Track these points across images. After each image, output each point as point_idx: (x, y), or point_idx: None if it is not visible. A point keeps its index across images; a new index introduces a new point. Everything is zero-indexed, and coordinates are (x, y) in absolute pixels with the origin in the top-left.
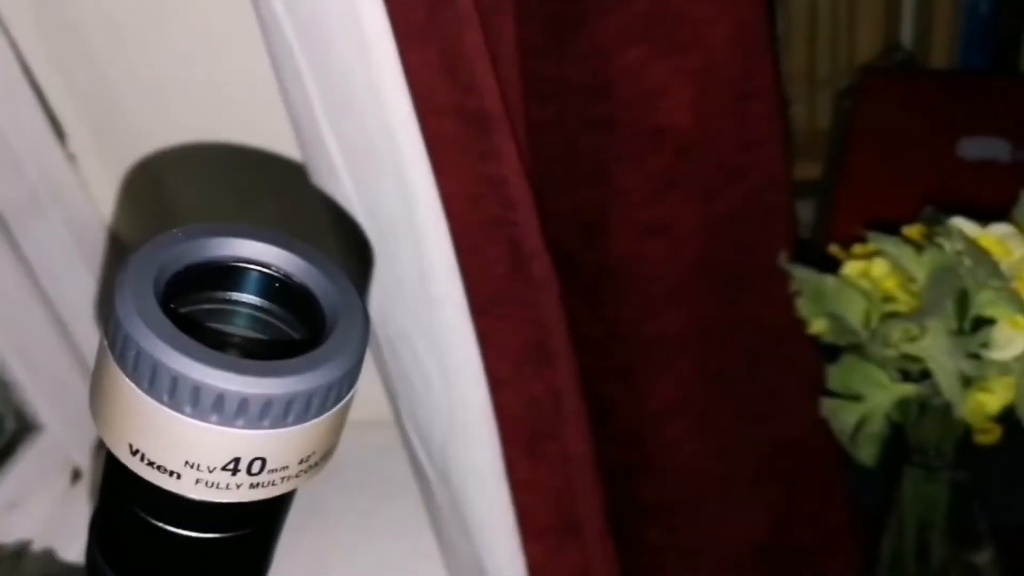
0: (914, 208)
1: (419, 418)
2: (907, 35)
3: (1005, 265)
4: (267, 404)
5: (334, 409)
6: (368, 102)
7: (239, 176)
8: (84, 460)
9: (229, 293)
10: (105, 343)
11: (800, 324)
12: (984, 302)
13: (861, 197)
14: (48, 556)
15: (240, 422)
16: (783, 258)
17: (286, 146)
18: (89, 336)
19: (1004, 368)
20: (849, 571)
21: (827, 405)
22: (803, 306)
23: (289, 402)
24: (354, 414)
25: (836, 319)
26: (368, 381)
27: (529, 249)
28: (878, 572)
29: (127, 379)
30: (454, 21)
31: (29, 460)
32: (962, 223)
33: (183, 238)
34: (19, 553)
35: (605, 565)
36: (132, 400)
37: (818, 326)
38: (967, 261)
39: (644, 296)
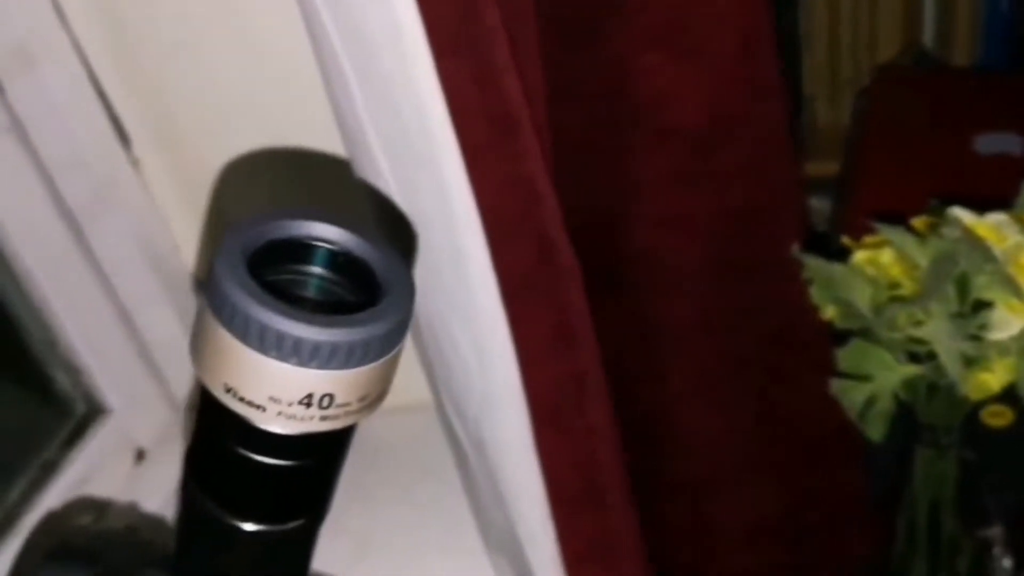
0: (928, 202)
1: (455, 393)
2: (928, 34)
3: (1000, 251)
4: (334, 349)
5: (387, 356)
6: (407, 106)
7: (289, 177)
8: (147, 441)
9: (302, 265)
10: (206, 303)
11: (812, 311)
12: (981, 286)
13: (876, 191)
14: (131, 508)
15: (314, 363)
16: (795, 248)
17: (334, 146)
18: (150, 326)
19: (1003, 348)
20: (865, 548)
21: (836, 385)
22: (815, 293)
23: (351, 348)
24: (396, 400)
25: (846, 305)
26: (409, 368)
27: (553, 240)
28: (893, 549)
29: (225, 330)
30: (483, 34)
31: (97, 441)
32: (960, 212)
33: (264, 220)
34: (103, 505)
35: (627, 533)
36: (228, 347)
37: (829, 312)
38: (965, 248)
39: (661, 284)
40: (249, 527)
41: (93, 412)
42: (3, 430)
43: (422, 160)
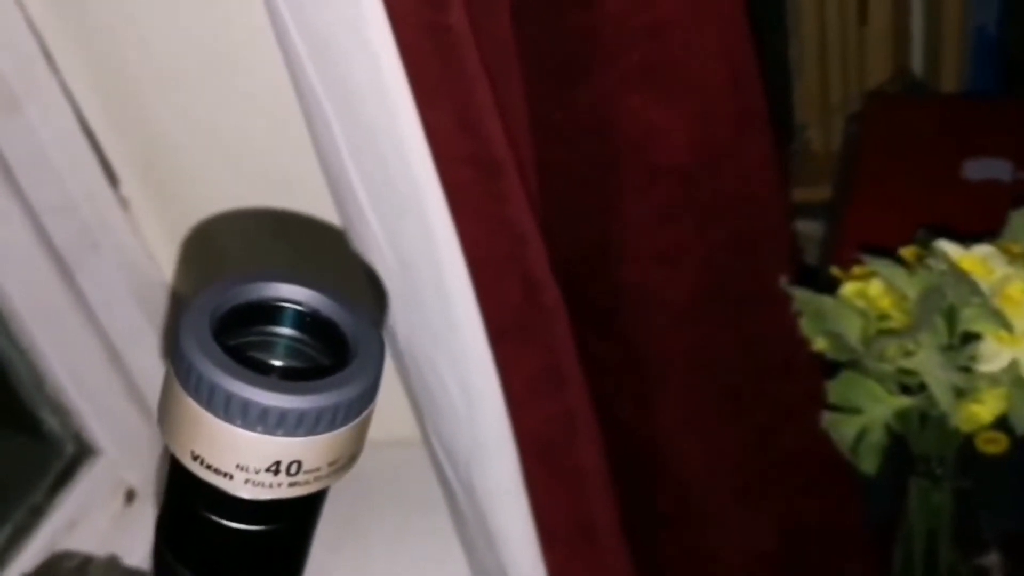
0: (918, 229)
1: (444, 436)
2: (916, 59)
3: (987, 284)
4: (301, 416)
5: (356, 420)
6: (392, 152)
7: (277, 220)
8: (138, 482)
9: (269, 327)
10: (171, 371)
11: (804, 342)
12: (969, 318)
13: (867, 220)
14: (112, 562)
15: (280, 431)
16: (784, 281)
17: (322, 190)
18: (140, 366)
19: (993, 380)
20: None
21: (827, 418)
22: (805, 325)
23: (319, 414)
24: (384, 434)
25: (835, 337)
26: (398, 403)
27: (538, 280)
28: None
29: (190, 398)
30: (464, 80)
31: (87, 482)
32: (946, 245)
33: (230, 284)
34: (85, 560)
35: (621, 570)
36: (194, 415)
37: (820, 344)
38: (952, 281)
39: (653, 320)
40: None
41: (83, 453)
42: None
43: (407, 205)
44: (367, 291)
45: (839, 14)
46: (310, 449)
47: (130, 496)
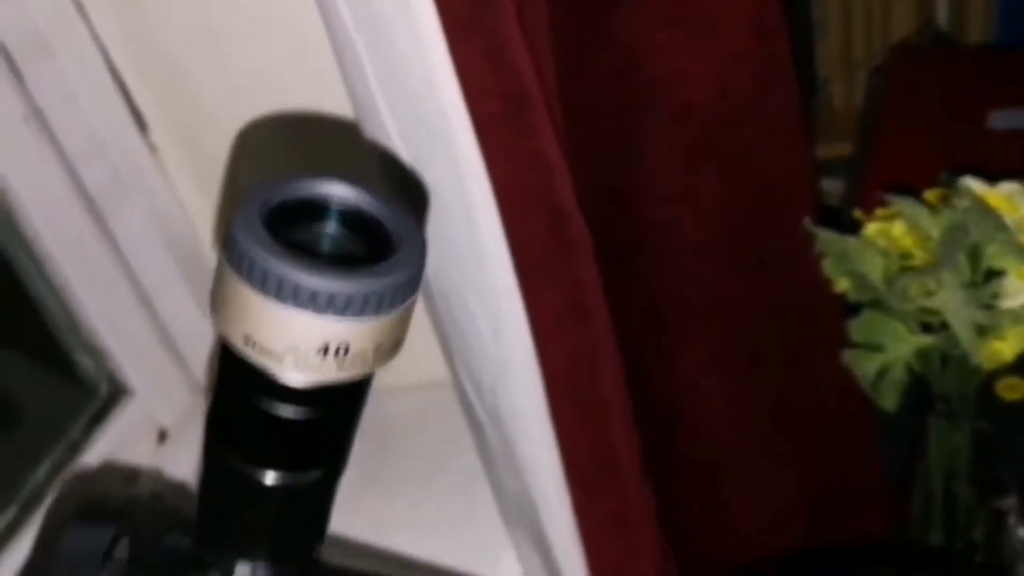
0: (941, 176)
1: (471, 365)
2: (942, 13)
3: (1012, 220)
4: (350, 299)
5: (401, 307)
6: (422, 87)
7: (305, 158)
8: (169, 422)
9: (316, 223)
10: (224, 260)
11: (825, 288)
12: (993, 255)
13: (890, 166)
14: (157, 476)
15: (330, 312)
16: (807, 222)
17: (350, 127)
18: (170, 310)
19: (1016, 317)
20: (883, 526)
21: (849, 355)
22: (828, 266)
23: (366, 298)
24: (413, 377)
25: (858, 277)
26: (426, 346)
27: (565, 212)
28: (910, 524)
29: (244, 282)
30: (495, 16)
31: (120, 422)
32: (971, 182)
33: (281, 182)
34: (131, 473)
35: (643, 507)
36: (247, 299)
37: (842, 284)
38: (976, 217)
39: (674, 262)
40: (270, 479)
41: (116, 393)
42: (28, 412)
43: (436, 137)
44: None
45: None
46: (357, 332)
47: (162, 436)
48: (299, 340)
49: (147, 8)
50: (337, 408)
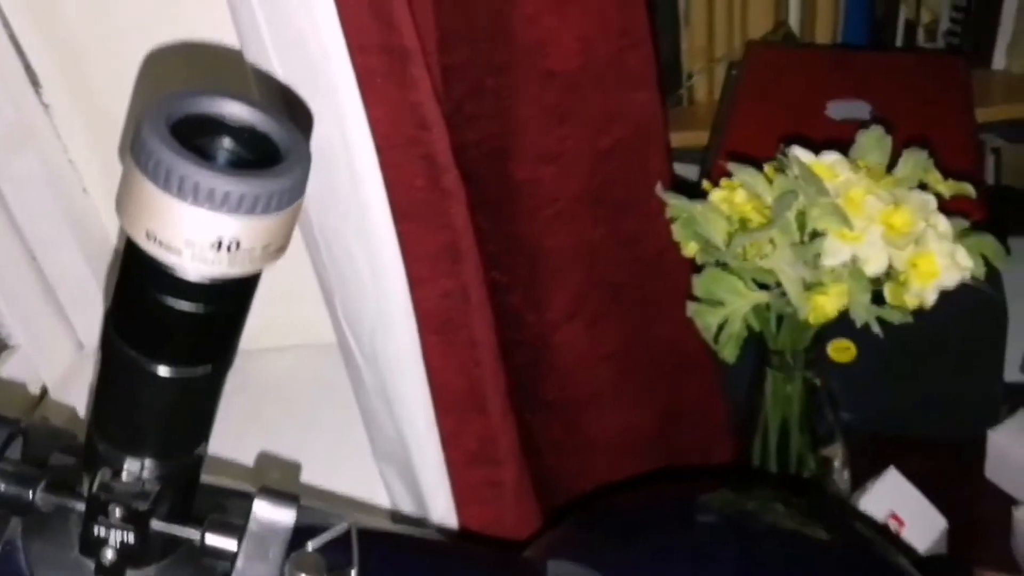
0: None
1: (351, 310)
2: (794, 15)
3: (832, 186)
4: (242, 197)
5: (288, 208)
6: (308, 37)
7: None
8: (51, 379)
9: (214, 137)
10: (131, 162)
11: (676, 245)
12: (816, 217)
13: (740, 144)
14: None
15: (224, 209)
16: (659, 187)
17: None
18: (57, 267)
19: (837, 275)
20: (727, 461)
21: (692, 308)
22: (677, 231)
23: (257, 197)
24: (295, 338)
25: (704, 241)
26: (312, 306)
27: (441, 164)
28: (750, 464)
29: (148, 180)
30: None
31: (2, 376)
32: (800, 151)
33: (187, 95)
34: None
35: (507, 439)
36: (150, 195)
37: (691, 248)
38: (803, 183)
39: (540, 216)
40: (163, 371)
41: None
42: None
43: (321, 85)
44: None
45: None
46: (248, 229)
47: (43, 392)
48: (196, 235)
49: None
50: (227, 304)
